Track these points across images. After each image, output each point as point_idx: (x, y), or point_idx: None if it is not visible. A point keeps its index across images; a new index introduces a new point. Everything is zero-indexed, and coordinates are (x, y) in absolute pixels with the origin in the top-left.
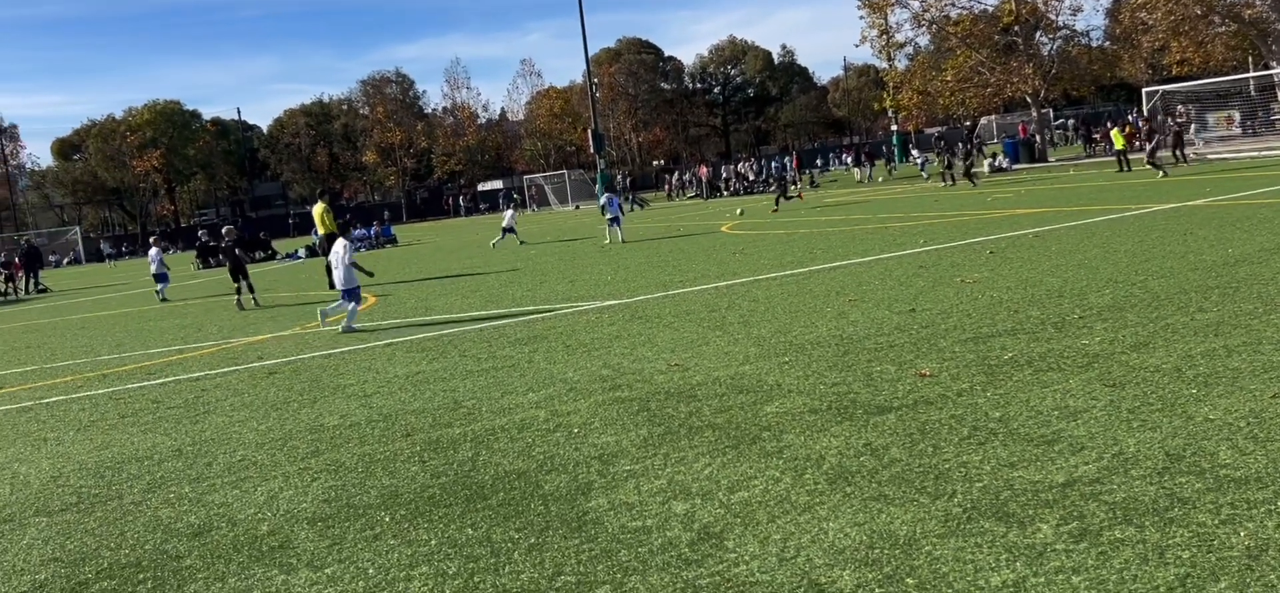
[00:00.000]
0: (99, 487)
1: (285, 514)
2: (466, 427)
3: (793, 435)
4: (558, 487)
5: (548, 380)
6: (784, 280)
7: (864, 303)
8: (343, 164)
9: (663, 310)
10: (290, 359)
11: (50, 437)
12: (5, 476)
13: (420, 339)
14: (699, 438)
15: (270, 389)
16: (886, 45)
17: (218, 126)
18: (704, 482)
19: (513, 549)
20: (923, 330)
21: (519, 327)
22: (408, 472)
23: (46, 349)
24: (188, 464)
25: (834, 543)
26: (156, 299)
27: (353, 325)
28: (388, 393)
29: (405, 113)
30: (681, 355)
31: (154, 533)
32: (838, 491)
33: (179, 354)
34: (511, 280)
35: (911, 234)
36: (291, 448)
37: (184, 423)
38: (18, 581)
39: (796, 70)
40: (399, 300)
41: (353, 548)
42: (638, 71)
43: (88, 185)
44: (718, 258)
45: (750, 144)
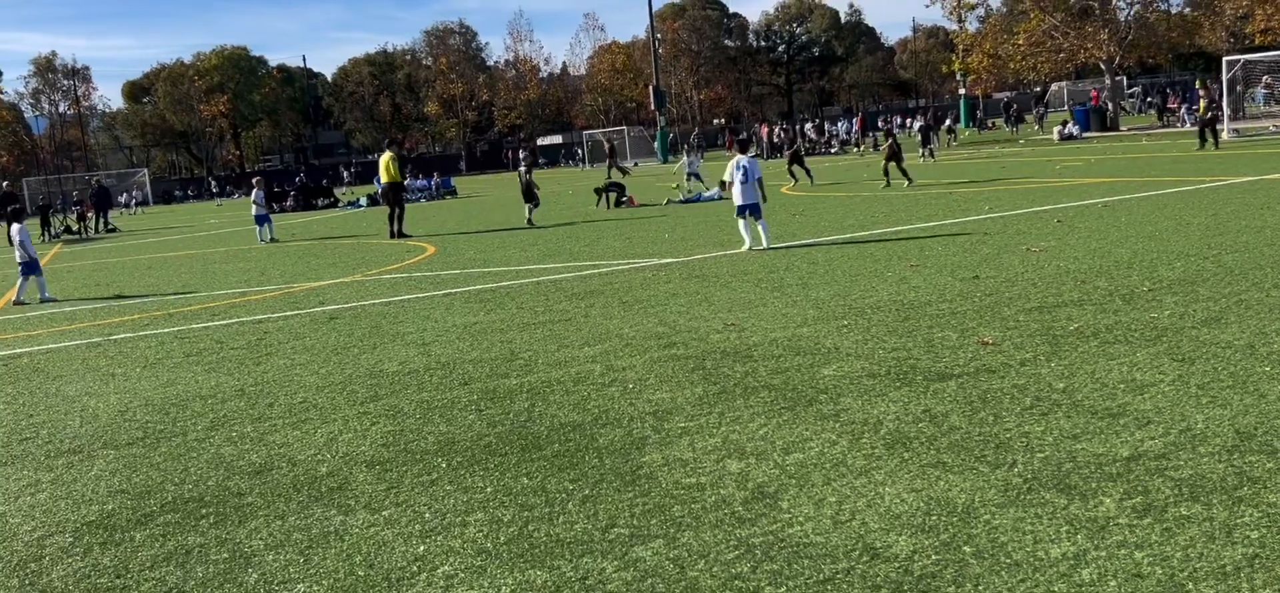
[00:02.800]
0: (164, 423)
1: (344, 457)
2: (522, 378)
3: (850, 399)
4: (612, 440)
5: (603, 335)
6: (844, 243)
7: (926, 268)
8: (405, 114)
9: (719, 270)
10: (351, 305)
11: (118, 372)
12: (75, 408)
13: (478, 290)
14: (754, 398)
15: (331, 334)
16: (958, 6)
17: (283, 74)
18: (759, 442)
19: (567, 500)
20: (986, 298)
21: (575, 281)
22: (464, 420)
23: (115, 287)
24: (250, 404)
25: (890, 508)
26: (259, 241)
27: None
28: (446, 342)
29: (467, 64)
30: (738, 315)
31: (216, 470)
32: (895, 456)
33: (242, 297)
34: (568, 235)
35: (977, 201)
36: (351, 392)
37: (246, 364)
38: (87, 509)
39: (863, 30)
40: (458, 251)
41: (409, 492)
42: (702, 28)
43: (156, 128)
44: (776, 219)
45: (813, 104)
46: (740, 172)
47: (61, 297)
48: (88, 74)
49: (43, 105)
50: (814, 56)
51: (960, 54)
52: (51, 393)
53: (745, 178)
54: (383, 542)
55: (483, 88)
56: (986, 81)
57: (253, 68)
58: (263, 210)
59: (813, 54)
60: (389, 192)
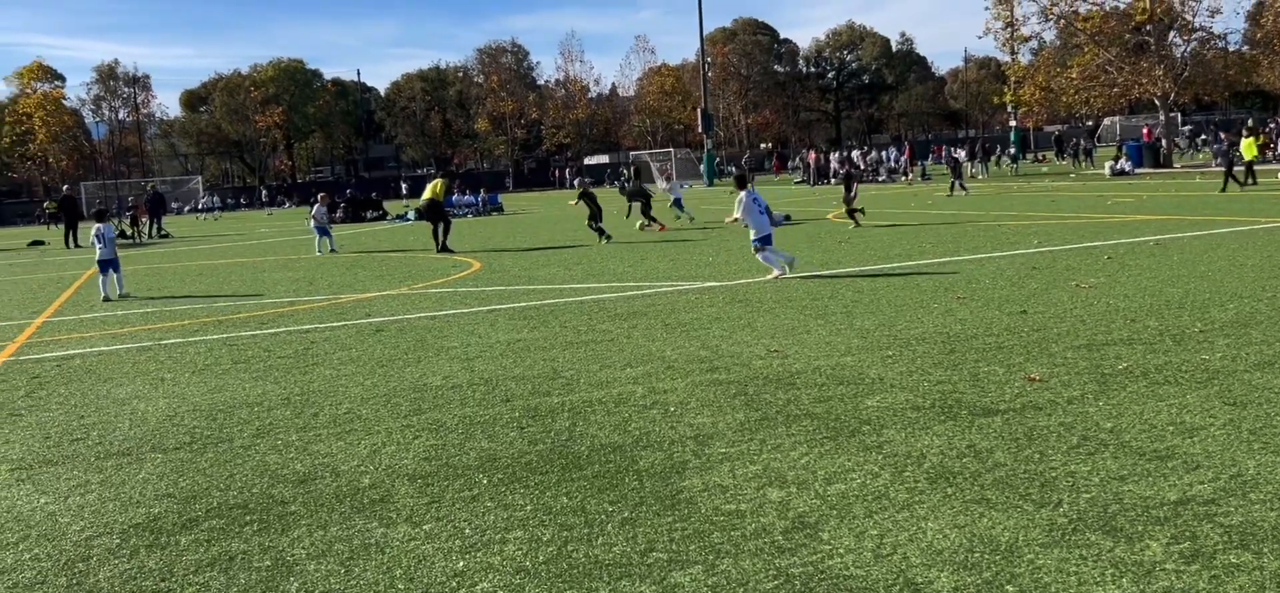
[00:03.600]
0: (211, 428)
1: (387, 469)
2: (564, 397)
3: (893, 431)
4: (652, 463)
5: (646, 357)
6: (890, 273)
7: (973, 301)
8: (455, 130)
9: (764, 295)
10: (397, 318)
11: (167, 377)
12: (125, 411)
13: (522, 308)
14: (796, 426)
15: (376, 346)
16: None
17: (337, 87)
18: (800, 471)
19: (606, 521)
20: (1034, 333)
21: (619, 302)
22: (506, 437)
23: (166, 293)
24: (295, 413)
25: (932, 543)
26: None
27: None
28: (489, 358)
29: (518, 83)
30: (781, 342)
31: (261, 477)
32: (938, 490)
33: (290, 306)
34: (613, 255)
35: (1026, 234)
36: (395, 405)
37: (293, 373)
38: (134, 512)
39: (914, 59)
40: (503, 268)
41: (451, 507)
42: (752, 52)
43: (211, 137)
44: (822, 246)
45: (862, 132)
46: (756, 205)
47: (113, 298)
48: (148, 82)
49: (103, 112)
50: (864, 84)
51: (1012, 86)
52: (102, 395)
53: (762, 209)
54: (423, 556)
55: (532, 106)
56: (1038, 114)
57: (308, 80)
58: (323, 223)
59: (862, 81)
60: (430, 209)
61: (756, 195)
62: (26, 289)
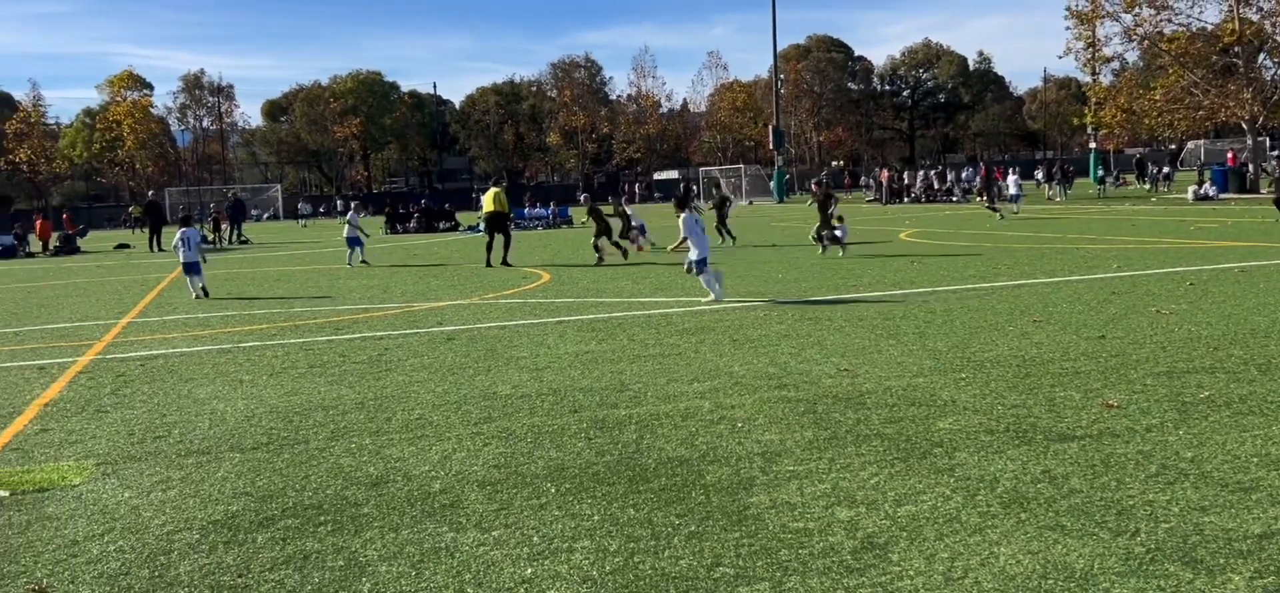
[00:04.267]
0: (287, 430)
1: (457, 475)
2: (632, 409)
3: (966, 454)
4: (719, 478)
5: (713, 372)
6: (964, 294)
7: (1049, 325)
8: (527, 143)
9: (834, 314)
10: (468, 327)
11: (246, 378)
12: (205, 411)
13: (591, 320)
14: (866, 446)
15: (448, 354)
16: (1092, 58)
17: (414, 99)
18: (870, 491)
19: (673, 535)
20: (1112, 359)
21: (686, 317)
22: (574, 447)
23: (245, 298)
24: (369, 417)
25: (1005, 569)
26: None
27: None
28: (558, 369)
29: (590, 97)
30: (852, 361)
31: (335, 479)
32: (1012, 515)
33: (365, 313)
34: (680, 270)
35: (1105, 258)
36: (465, 412)
37: (367, 378)
38: (213, 509)
39: (992, 78)
40: (572, 280)
41: (519, 514)
42: (825, 70)
43: (291, 146)
44: (894, 266)
45: (936, 151)
46: (698, 226)
47: (194, 299)
48: (231, 92)
49: (188, 120)
50: (939, 103)
51: (1093, 107)
52: (184, 395)
53: (703, 229)
54: (492, 562)
55: (604, 121)
56: (1119, 136)
57: (385, 92)
58: (355, 233)
59: (938, 100)
60: (494, 221)
61: (698, 217)
62: (113, 291)
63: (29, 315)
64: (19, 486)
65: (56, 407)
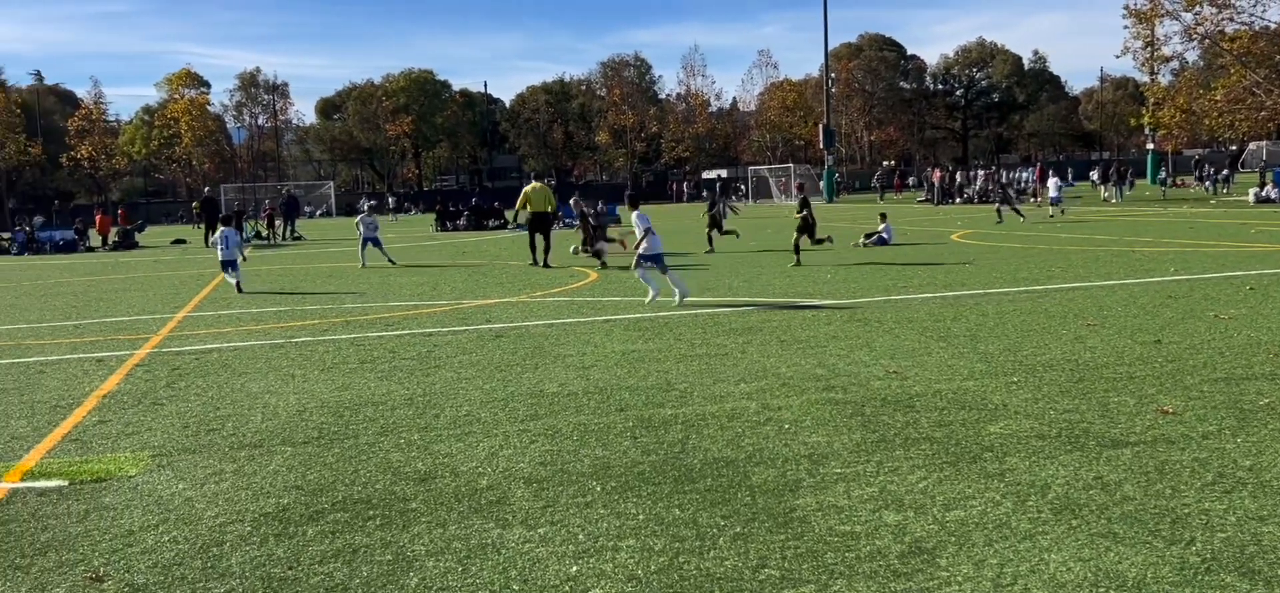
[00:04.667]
0: (338, 425)
1: (504, 472)
2: (678, 409)
3: (1016, 459)
4: (765, 480)
5: (761, 373)
6: (1016, 297)
7: (1104, 329)
8: (576, 142)
9: (884, 315)
10: (515, 325)
11: (297, 373)
12: (258, 405)
13: (637, 319)
14: (915, 450)
15: (496, 351)
16: (1151, 58)
17: (465, 98)
18: (918, 495)
19: (718, 535)
20: (1168, 364)
21: (734, 317)
22: (620, 445)
23: (298, 293)
24: (417, 413)
25: (1055, 576)
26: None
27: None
28: (604, 367)
29: (639, 96)
30: (901, 363)
31: (384, 474)
32: (1063, 522)
33: (414, 309)
34: (728, 270)
35: (1161, 261)
36: (512, 409)
37: (416, 374)
38: (264, 501)
39: (1047, 78)
40: (618, 279)
41: (565, 512)
42: (877, 69)
43: (344, 144)
44: (945, 267)
45: (989, 151)
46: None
47: (248, 295)
48: (286, 90)
49: (244, 117)
50: (993, 102)
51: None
52: (237, 389)
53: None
54: (537, 559)
55: (653, 120)
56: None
57: (437, 91)
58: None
59: (992, 100)
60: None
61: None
62: (170, 285)
63: (88, 309)
64: (77, 476)
65: (114, 399)
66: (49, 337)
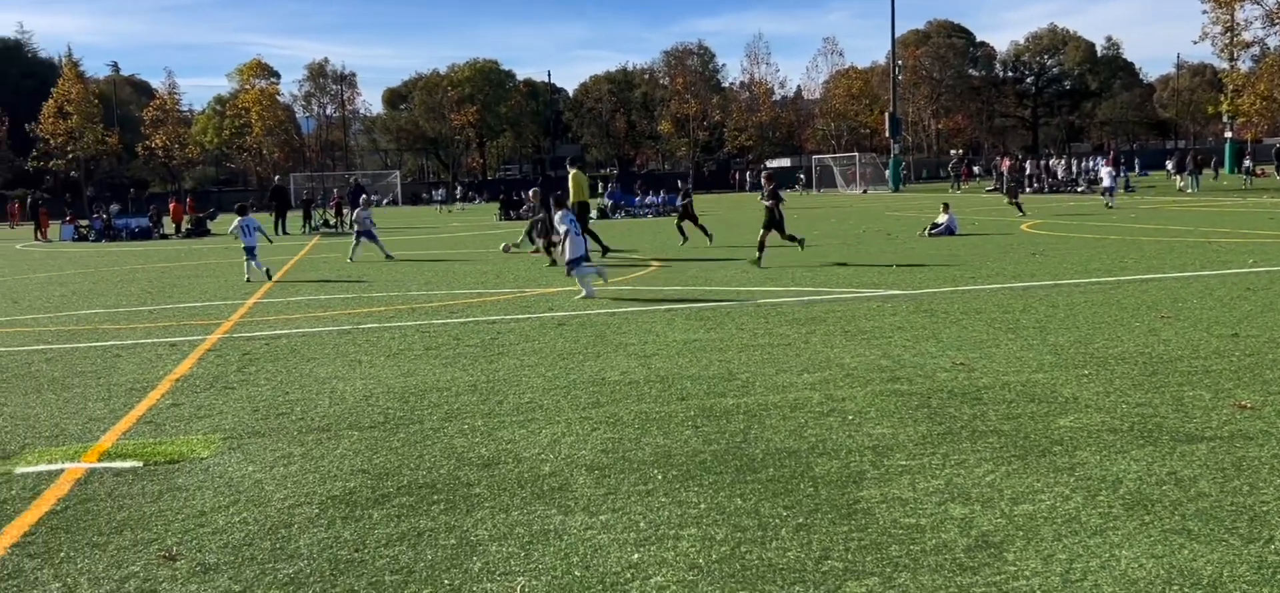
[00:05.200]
0: (403, 410)
1: (566, 459)
2: (739, 399)
3: (1087, 453)
4: (829, 471)
5: (824, 364)
6: (1088, 288)
7: (1179, 321)
8: (639, 131)
9: (950, 306)
10: (577, 313)
11: (364, 359)
12: (325, 390)
13: (698, 308)
14: (982, 443)
15: (558, 339)
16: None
17: (528, 88)
18: (985, 489)
19: (780, 526)
20: (1246, 358)
21: (797, 306)
22: (681, 434)
23: (364, 281)
24: (481, 399)
25: (1126, 573)
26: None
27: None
28: (666, 356)
29: (703, 85)
30: (968, 355)
31: (448, 459)
32: (1135, 518)
33: (478, 297)
34: (791, 260)
35: (1239, 252)
36: (574, 397)
37: (480, 361)
38: (331, 484)
39: (1121, 65)
40: (680, 268)
41: (626, 500)
42: (945, 55)
43: (410, 133)
44: (1014, 257)
45: (1060, 140)
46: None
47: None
48: (354, 80)
49: (312, 107)
50: (1064, 90)
51: (1229, 95)
52: (305, 374)
53: (577, 229)
54: (599, 546)
55: (716, 108)
56: (1258, 125)
57: (501, 81)
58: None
59: (1063, 87)
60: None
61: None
62: (240, 272)
63: (162, 294)
64: (151, 457)
65: (187, 383)
66: (125, 322)
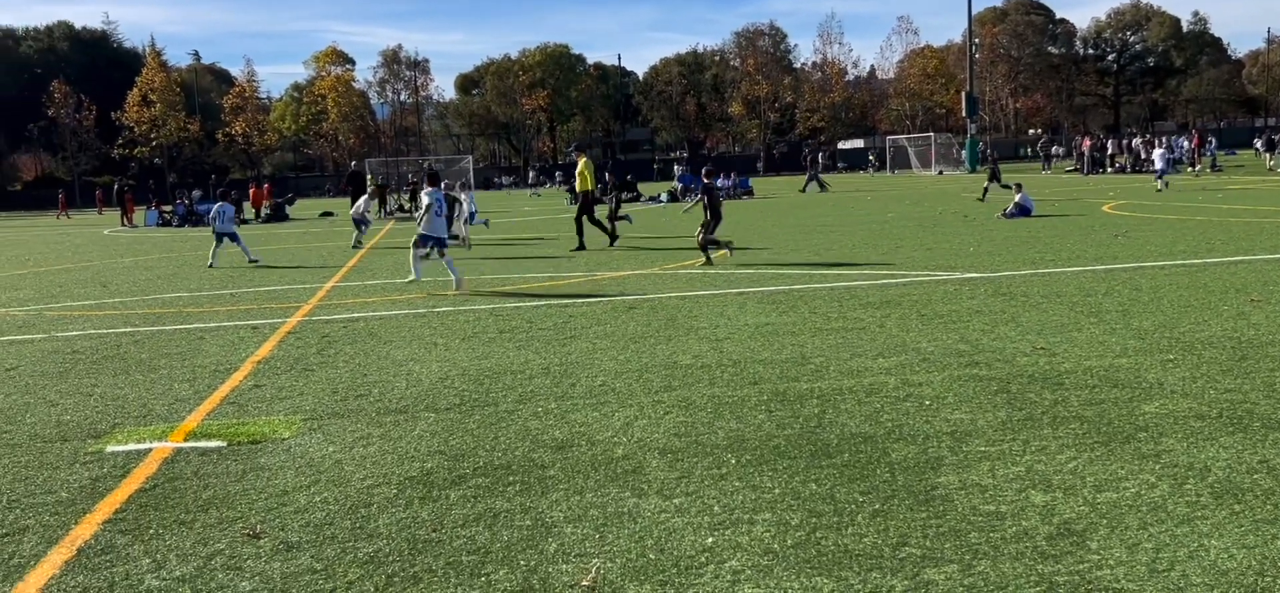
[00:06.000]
0: (478, 392)
1: (638, 442)
2: (813, 383)
3: (1173, 440)
4: (905, 457)
5: (900, 348)
6: (1172, 270)
7: (1269, 305)
8: (709, 114)
9: (1030, 289)
10: (649, 297)
11: (439, 342)
12: (402, 372)
13: (771, 292)
14: (1064, 429)
15: (630, 323)
16: None
17: (599, 71)
18: (1067, 476)
19: (856, 512)
20: None
21: (872, 290)
22: (754, 419)
23: (439, 265)
24: (554, 382)
25: (1216, 563)
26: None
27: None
28: (738, 340)
29: (774, 66)
30: (1049, 339)
31: (523, 441)
32: (1224, 507)
33: (550, 280)
34: (866, 242)
35: None
36: (646, 380)
37: (553, 344)
38: (409, 465)
39: (1207, 40)
40: (753, 251)
41: (700, 484)
42: (1024, 33)
43: (482, 118)
44: (1096, 239)
45: (1143, 118)
46: (437, 203)
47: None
48: (427, 66)
49: (387, 93)
50: (1148, 67)
51: None
52: (382, 356)
53: (439, 210)
54: (673, 529)
55: (787, 89)
56: None
57: (572, 65)
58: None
59: (1146, 64)
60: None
61: (442, 198)
62: (319, 256)
63: (243, 279)
64: (235, 438)
65: (268, 365)
66: (208, 305)
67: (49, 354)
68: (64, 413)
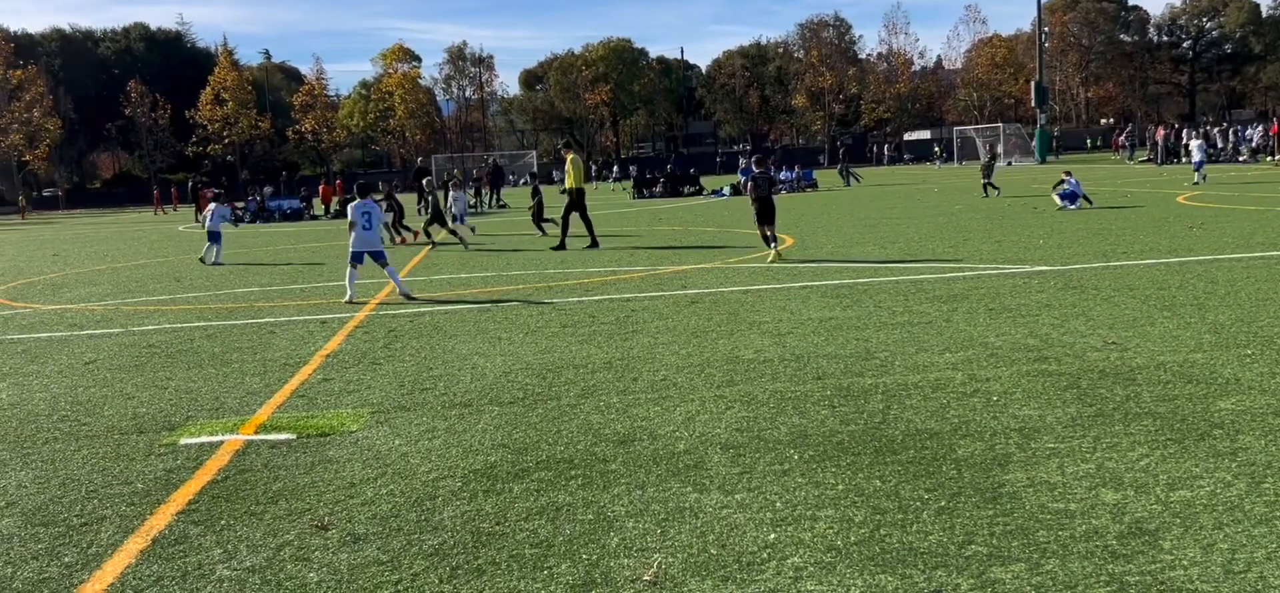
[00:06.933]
0: (541, 387)
1: (700, 437)
2: (878, 378)
3: (1250, 437)
4: (972, 453)
5: (967, 342)
6: (1251, 263)
7: None
8: (772, 106)
9: (1101, 282)
10: (711, 291)
11: (503, 336)
12: (467, 366)
13: (835, 285)
14: (1136, 425)
15: (691, 317)
16: None
17: (661, 65)
18: (1139, 473)
19: (922, 509)
20: None
21: (938, 283)
22: (817, 414)
23: (503, 260)
24: (616, 376)
25: None
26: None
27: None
28: (801, 335)
29: (839, 57)
30: (1120, 334)
31: (585, 435)
32: None
33: (612, 276)
34: (932, 234)
35: None
36: (708, 375)
37: (614, 339)
38: (474, 458)
39: None
40: (816, 244)
41: (762, 479)
42: (1095, 21)
43: (545, 114)
44: (1170, 231)
45: (1220, 107)
46: (363, 216)
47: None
48: (491, 62)
49: (452, 90)
50: (1224, 54)
51: None
52: (447, 350)
53: (368, 223)
54: (735, 524)
55: (852, 81)
56: None
57: (634, 59)
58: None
59: (1223, 51)
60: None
61: (370, 207)
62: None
63: (312, 273)
64: (304, 430)
65: (336, 358)
66: (278, 299)
67: (125, 348)
68: (140, 406)
